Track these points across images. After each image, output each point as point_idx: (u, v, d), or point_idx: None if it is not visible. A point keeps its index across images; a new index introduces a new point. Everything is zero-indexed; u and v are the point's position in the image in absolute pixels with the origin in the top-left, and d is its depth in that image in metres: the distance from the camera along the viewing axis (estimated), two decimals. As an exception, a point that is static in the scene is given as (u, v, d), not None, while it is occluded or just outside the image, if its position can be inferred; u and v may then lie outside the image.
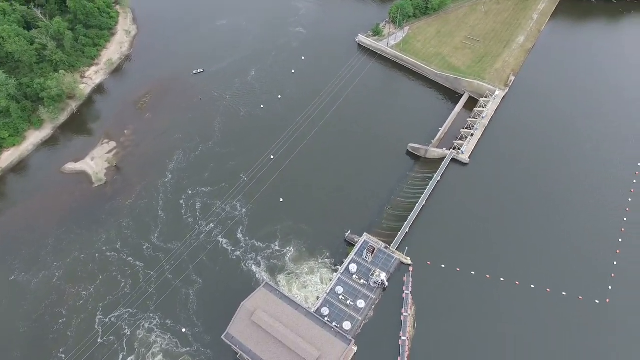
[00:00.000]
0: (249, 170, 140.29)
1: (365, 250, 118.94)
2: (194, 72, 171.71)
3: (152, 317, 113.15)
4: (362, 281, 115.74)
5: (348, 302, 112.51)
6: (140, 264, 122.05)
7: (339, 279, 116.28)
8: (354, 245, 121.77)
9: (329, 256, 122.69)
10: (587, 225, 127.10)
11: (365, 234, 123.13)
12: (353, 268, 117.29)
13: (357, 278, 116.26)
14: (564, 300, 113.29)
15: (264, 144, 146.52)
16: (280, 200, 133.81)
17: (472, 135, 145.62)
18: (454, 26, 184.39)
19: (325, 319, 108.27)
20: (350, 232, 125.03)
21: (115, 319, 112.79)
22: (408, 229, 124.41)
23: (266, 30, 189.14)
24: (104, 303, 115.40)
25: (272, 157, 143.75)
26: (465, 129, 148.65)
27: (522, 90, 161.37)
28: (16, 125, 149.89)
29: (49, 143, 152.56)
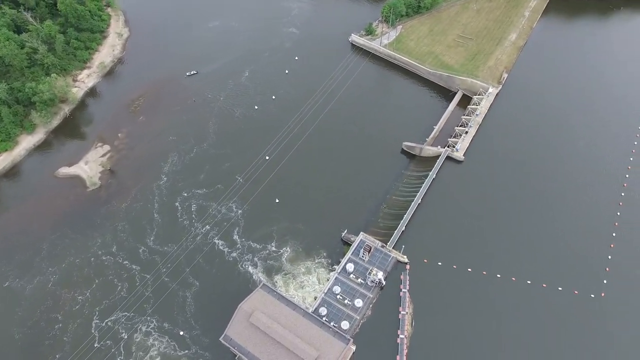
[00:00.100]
0: (244, 171, 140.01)
1: (362, 250, 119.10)
2: (188, 74, 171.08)
3: (149, 321, 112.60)
4: (359, 280, 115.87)
5: (346, 301, 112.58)
6: (137, 267, 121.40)
7: (336, 278, 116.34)
8: (351, 245, 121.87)
9: (326, 256, 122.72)
10: (581, 221, 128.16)
11: (361, 233, 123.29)
12: (350, 267, 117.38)
13: (354, 277, 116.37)
14: (560, 295, 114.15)
15: (259, 145, 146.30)
16: (276, 200, 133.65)
17: (466, 132, 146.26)
18: (447, 24, 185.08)
19: (323, 318, 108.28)
20: (346, 232, 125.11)
21: (112, 323, 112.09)
22: (404, 228, 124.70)
23: (259, 31, 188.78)
24: (101, 307, 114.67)
25: (267, 158, 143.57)
26: (460, 126, 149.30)
27: (515, 88, 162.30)
28: (8, 130, 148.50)
29: (42, 147, 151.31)
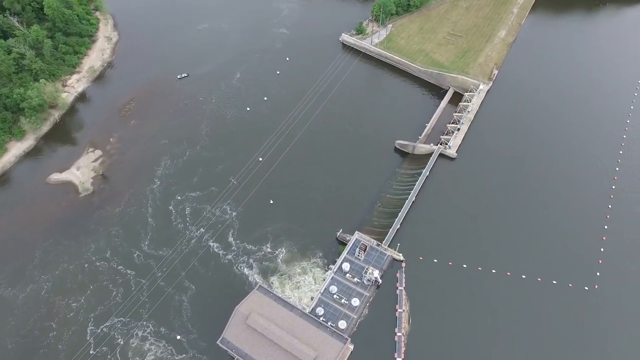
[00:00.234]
0: (237, 173, 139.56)
1: (358, 249, 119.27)
2: (179, 77, 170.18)
3: (146, 325, 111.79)
4: (355, 279, 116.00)
5: (342, 301, 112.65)
6: (131, 272, 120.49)
7: (332, 278, 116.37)
8: (346, 244, 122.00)
9: (321, 256, 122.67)
10: (574, 214, 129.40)
11: (356, 232, 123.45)
12: (346, 267, 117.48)
13: (350, 276, 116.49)
14: (554, 289, 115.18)
15: (252, 147, 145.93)
16: (270, 202, 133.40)
17: (458, 129, 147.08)
18: (436, 22, 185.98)
19: (321, 318, 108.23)
20: (341, 231, 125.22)
21: (107, 329, 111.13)
22: (399, 226, 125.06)
23: (249, 32, 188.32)
24: (96, 314, 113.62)
25: (261, 159, 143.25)
26: (452, 123, 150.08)
27: (505, 84, 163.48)
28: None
29: (32, 154, 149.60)
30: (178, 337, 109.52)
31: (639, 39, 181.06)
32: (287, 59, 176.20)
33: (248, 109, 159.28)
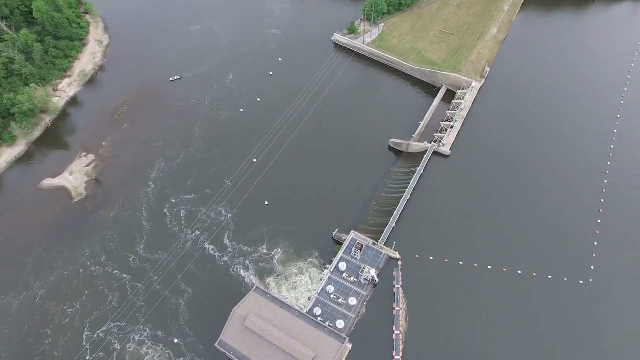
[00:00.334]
0: (232, 175, 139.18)
1: (354, 248, 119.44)
2: (171, 79, 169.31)
3: (143, 330, 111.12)
4: (352, 279, 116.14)
5: (340, 300, 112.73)
6: (127, 276, 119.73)
7: (329, 278, 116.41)
8: (342, 244, 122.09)
9: (318, 256, 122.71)
10: (567, 209, 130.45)
11: (352, 232, 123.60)
12: (342, 266, 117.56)
13: (347, 276, 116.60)
14: (550, 283, 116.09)
15: (246, 148, 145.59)
16: (266, 203, 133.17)
17: (451, 127, 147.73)
18: (428, 21, 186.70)
19: (318, 319, 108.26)
20: (337, 231, 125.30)
21: (103, 335, 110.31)
22: (395, 224, 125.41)
23: (241, 33, 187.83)
24: (91, 319, 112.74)
25: (255, 161, 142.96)
26: (445, 121, 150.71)
27: (498, 81, 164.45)
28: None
29: (23, 160, 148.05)
30: (176, 341, 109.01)
31: (626, 35, 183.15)
32: (280, 59, 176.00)
33: (241, 110, 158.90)
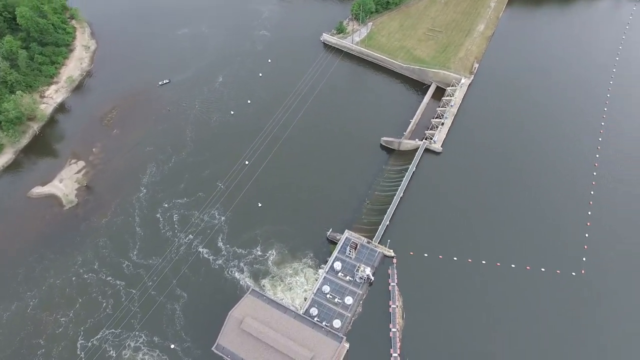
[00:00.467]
0: (224, 177, 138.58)
1: (348, 247, 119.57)
2: (160, 83, 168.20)
3: (138, 336, 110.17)
4: (347, 278, 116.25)
5: (336, 300, 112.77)
6: (121, 282, 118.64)
7: (324, 277, 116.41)
8: (337, 243, 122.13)
9: (312, 256, 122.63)
10: (558, 202, 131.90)
11: (346, 231, 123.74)
12: (338, 266, 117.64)
13: (342, 275, 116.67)
14: (543, 276, 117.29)
15: (238, 150, 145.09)
16: (259, 204, 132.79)
17: (442, 124, 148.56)
18: (416, 19, 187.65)
19: (315, 319, 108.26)
20: (331, 231, 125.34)
21: (98, 342, 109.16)
22: (388, 222, 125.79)
23: (230, 35, 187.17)
24: (85, 327, 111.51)
25: (247, 163, 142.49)
26: (436, 118, 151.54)
27: (486, 77, 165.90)
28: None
29: (11, 168, 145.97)
30: (172, 346, 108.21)
31: (610, 30, 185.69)
32: (269, 60, 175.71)
33: (232, 112, 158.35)
